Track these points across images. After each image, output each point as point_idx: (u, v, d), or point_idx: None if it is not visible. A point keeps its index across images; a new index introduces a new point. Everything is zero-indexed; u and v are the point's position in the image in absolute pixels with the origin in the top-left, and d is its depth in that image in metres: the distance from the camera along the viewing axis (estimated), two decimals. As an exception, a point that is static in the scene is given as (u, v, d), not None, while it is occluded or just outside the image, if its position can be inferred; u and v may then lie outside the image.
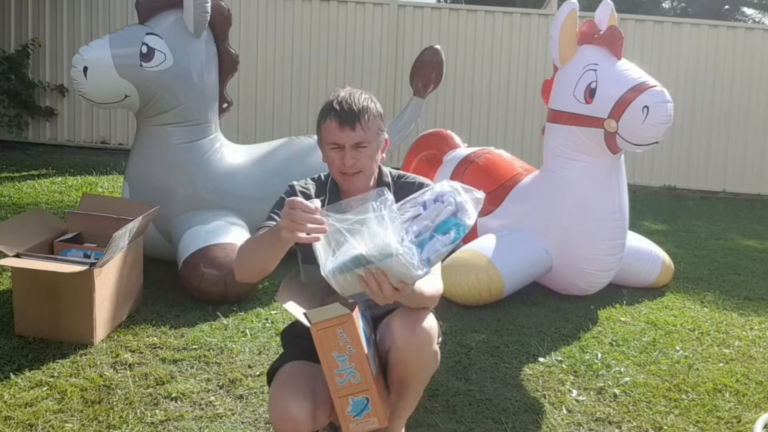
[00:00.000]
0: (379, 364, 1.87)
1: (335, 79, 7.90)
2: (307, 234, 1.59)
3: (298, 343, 1.98)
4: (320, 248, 1.59)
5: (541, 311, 3.60)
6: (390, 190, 1.97)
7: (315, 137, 4.08)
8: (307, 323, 1.68)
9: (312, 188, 2.03)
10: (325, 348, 1.67)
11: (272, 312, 3.37)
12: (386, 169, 2.07)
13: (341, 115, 1.89)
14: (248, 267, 1.84)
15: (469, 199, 1.69)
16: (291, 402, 1.74)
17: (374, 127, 1.93)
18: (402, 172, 2.10)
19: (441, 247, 1.61)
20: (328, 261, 1.57)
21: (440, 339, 1.99)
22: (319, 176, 2.09)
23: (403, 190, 1.98)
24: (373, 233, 1.55)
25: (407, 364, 1.82)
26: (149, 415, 2.37)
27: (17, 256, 2.93)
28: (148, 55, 3.57)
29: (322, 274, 1.58)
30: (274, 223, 1.88)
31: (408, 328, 1.80)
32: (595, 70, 3.51)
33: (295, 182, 2.04)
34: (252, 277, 1.86)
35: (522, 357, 3.01)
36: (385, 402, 1.83)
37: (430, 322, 1.84)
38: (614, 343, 3.22)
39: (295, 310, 1.74)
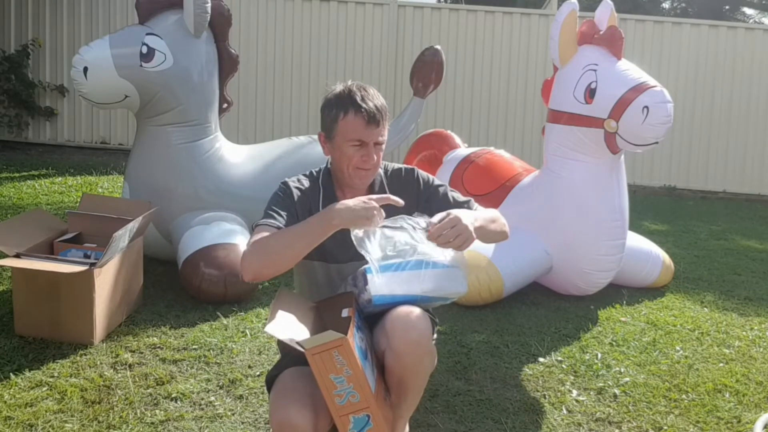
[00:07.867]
0: (377, 364, 1.87)
1: (335, 80, 7.79)
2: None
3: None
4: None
5: (541, 311, 3.60)
6: (384, 181, 2.07)
7: (315, 137, 4.10)
8: (301, 349, 1.66)
9: (306, 184, 2.04)
10: (322, 371, 1.66)
11: (272, 312, 3.37)
12: None
13: (369, 113, 1.90)
14: (277, 259, 1.79)
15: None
16: (292, 411, 1.72)
17: (387, 123, 1.98)
18: (383, 162, 2.10)
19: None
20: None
21: (435, 336, 1.98)
22: (311, 172, 2.09)
23: (396, 179, 2.08)
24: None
25: (404, 364, 1.80)
26: (149, 415, 2.37)
27: (17, 256, 2.93)
28: (148, 55, 3.57)
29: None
30: (274, 220, 1.88)
31: (402, 328, 1.79)
32: (595, 71, 3.51)
33: (288, 179, 2.04)
34: (273, 272, 1.80)
35: (522, 357, 3.01)
36: (387, 414, 1.83)
37: (424, 322, 1.83)
38: (614, 343, 3.22)
39: (288, 337, 1.71)
